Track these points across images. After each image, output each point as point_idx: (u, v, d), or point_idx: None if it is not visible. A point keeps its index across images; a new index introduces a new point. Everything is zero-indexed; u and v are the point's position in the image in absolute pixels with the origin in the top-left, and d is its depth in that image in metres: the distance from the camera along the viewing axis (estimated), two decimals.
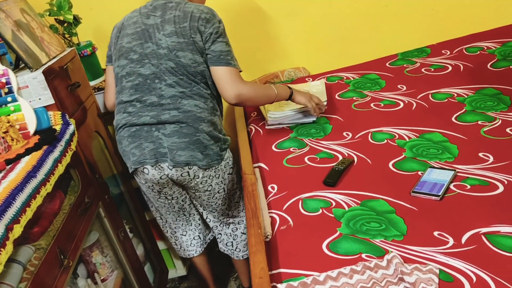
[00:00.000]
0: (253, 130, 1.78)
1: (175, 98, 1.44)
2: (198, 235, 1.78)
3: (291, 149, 1.57)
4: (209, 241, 1.85)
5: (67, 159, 1.28)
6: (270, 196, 1.34)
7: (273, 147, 1.61)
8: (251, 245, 1.06)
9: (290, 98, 1.63)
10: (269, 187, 1.38)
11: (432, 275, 0.91)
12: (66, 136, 1.32)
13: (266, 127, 1.77)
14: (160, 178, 1.49)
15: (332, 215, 1.18)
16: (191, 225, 1.75)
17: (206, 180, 1.53)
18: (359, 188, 1.28)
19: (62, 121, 1.35)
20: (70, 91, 1.50)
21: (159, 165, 1.46)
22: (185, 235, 1.77)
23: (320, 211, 1.21)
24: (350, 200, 1.23)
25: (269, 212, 1.27)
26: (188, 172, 1.47)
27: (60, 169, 1.23)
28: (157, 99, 1.44)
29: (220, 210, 1.67)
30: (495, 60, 1.87)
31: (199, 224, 1.77)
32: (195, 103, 1.45)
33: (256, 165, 1.54)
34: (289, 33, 2.21)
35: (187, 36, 1.43)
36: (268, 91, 1.57)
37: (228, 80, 1.46)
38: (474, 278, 0.90)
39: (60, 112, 1.37)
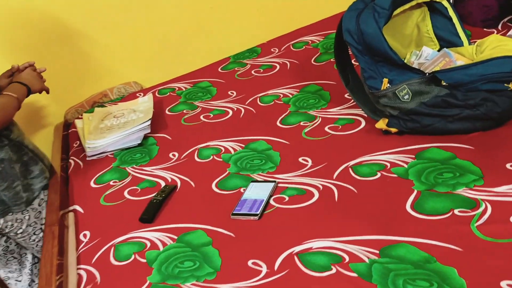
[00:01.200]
0: (72, 165, 1.56)
1: None
2: (37, 275, 1.55)
3: (111, 183, 1.39)
4: None
5: None
6: (81, 247, 1.16)
7: (91, 183, 1.42)
8: None
9: (30, 92, 1.37)
10: (81, 236, 1.20)
11: None
12: None
13: (87, 158, 1.56)
14: None
15: (145, 260, 1.04)
16: (25, 267, 1.50)
17: (13, 225, 1.30)
18: (178, 220, 1.15)
19: None
20: None
21: None
22: (20, 281, 1.52)
23: (133, 257, 1.06)
24: (167, 237, 1.10)
25: (77, 269, 1.08)
26: None
27: None
28: None
29: None
30: (318, 54, 1.88)
31: (35, 263, 1.53)
32: None
33: (71, 208, 1.34)
34: (113, 46, 2.02)
35: None
36: (8, 100, 1.28)
37: None
38: None
39: None
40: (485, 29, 1.63)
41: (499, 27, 1.63)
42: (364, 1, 1.24)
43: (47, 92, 1.49)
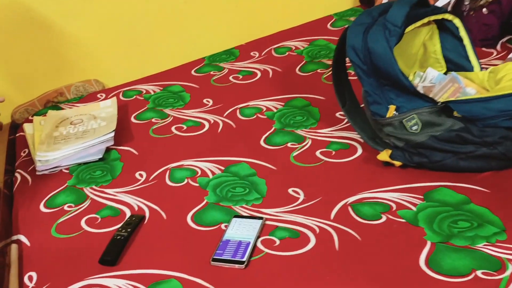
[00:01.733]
0: (19, 179, 1.33)
1: None
2: None
3: (65, 207, 1.18)
4: None
5: None
6: None
7: (41, 206, 1.20)
8: None
9: None
10: (26, 278, 0.99)
11: None
12: None
13: (37, 173, 1.33)
14: None
15: None
16: None
17: None
18: (147, 263, 0.96)
19: None
20: None
21: None
22: None
23: None
24: (133, 286, 0.91)
25: None
26: None
27: None
28: None
29: None
30: (303, 62, 1.72)
31: None
32: None
33: (14, 238, 1.12)
34: (73, 37, 1.79)
35: None
36: None
37: None
38: None
39: None
40: (483, 49, 1.54)
41: (498, 48, 1.54)
42: (371, 15, 1.09)
43: None
